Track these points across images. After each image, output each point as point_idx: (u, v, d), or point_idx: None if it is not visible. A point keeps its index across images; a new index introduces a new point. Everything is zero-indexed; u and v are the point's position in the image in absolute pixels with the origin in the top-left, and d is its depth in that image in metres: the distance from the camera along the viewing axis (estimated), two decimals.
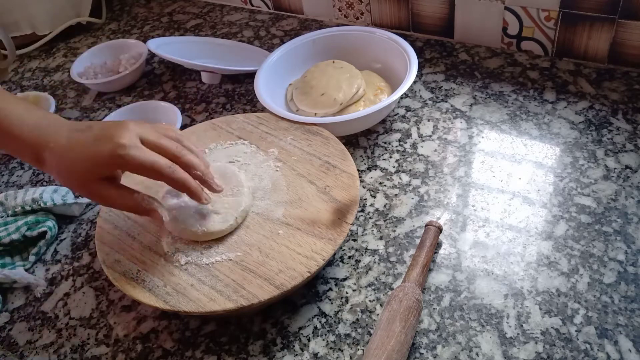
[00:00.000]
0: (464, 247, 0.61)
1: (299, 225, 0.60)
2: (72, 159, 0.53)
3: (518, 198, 0.64)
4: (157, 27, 1.12)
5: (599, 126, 0.72)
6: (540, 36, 0.83)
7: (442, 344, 0.53)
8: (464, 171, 0.69)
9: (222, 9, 1.14)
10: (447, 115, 0.77)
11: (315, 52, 0.85)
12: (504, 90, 0.80)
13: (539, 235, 0.60)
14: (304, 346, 0.55)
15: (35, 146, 0.54)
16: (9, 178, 0.83)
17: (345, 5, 0.98)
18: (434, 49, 0.91)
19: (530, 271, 0.57)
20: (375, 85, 0.78)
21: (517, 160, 0.69)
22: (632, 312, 0.53)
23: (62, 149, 0.53)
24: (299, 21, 1.05)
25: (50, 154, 0.53)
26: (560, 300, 0.54)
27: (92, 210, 0.75)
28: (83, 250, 0.69)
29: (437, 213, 0.65)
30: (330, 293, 0.59)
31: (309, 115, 0.76)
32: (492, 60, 0.86)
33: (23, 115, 0.55)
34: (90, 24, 1.17)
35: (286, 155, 0.68)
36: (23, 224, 0.68)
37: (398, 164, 0.72)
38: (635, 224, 0.60)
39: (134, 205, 0.57)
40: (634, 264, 0.56)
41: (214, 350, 0.56)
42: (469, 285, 0.57)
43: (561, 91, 0.78)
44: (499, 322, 0.54)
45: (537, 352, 0.51)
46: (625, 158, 0.67)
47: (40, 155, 0.54)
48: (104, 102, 0.95)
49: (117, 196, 0.56)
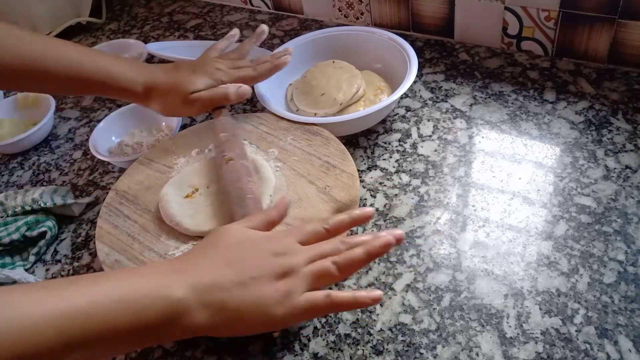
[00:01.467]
0: (464, 247, 0.61)
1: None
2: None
3: (518, 198, 0.64)
4: (157, 27, 1.12)
5: (599, 126, 0.72)
6: (540, 36, 0.83)
7: (442, 344, 0.53)
8: (464, 171, 0.69)
9: (222, 9, 1.14)
10: (447, 115, 0.77)
11: (315, 52, 0.85)
12: (504, 90, 0.80)
13: (539, 235, 0.60)
14: (304, 346, 0.55)
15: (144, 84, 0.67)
16: (9, 178, 0.83)
17: (345, 5, 0.98)
18: (434, 49, 0.91)
19: (530, 271, 0.57)
20: (375, 85, 0.78)
21: (517, 160, 0.69)
22: (632, 312, 0.53)
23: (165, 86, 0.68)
24: (299, 21, 1.05)
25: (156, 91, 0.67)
26: (560, 300, 0.54)
27: (92, 210, 0.75)
28: (83, 250, 0.69)
29: (437, 213, 0.65)
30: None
31: (309, 115, 0.76)
32: (492, 60, 0.86)
33: (120, 61, 0.68)
34: (90, 24, 1.17)
35: (286, 155, 0.68)
36: (23, 224, 0.68)
37: (398, 164, 0.72)
38: (635, 224, 0.60)
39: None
40: (634, 264, 0.56)
41: (214, 350, 0.56)
42: (469, 285, 0.57)
43: (561, 91, 0.78)
44: (499, 322, 0.54)
45: (537, 352, 0.51)
46: (625, 158, 0.67)
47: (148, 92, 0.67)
48: (104, 102, 0.95)
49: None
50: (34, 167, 0.84)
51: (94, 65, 0.66)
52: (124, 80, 0.67)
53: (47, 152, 0.87)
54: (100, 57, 0.68)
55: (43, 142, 0.89)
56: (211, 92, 0.68)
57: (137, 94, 0.68)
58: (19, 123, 0.89)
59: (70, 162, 0.84)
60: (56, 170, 0.83)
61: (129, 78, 0.67)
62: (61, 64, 0.64)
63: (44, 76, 0.64)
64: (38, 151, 0.87)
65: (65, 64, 0.65)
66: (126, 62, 0.69)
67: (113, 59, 0.69)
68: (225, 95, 0.68)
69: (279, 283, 0.47)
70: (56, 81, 0.66)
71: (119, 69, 0.67)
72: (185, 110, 0.69)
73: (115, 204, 0.67)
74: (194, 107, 0.68)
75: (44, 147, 0.88)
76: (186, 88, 0.67)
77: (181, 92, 0.67)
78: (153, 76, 0.68)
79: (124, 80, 0.67)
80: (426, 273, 0.59)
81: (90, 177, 0.80)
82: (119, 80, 0.67)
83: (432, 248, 0.61)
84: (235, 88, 0.68)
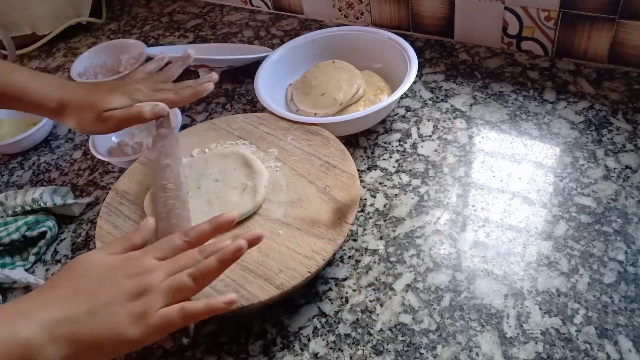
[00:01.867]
0: (464, 247, 0.61)
1: (299, 225, 0.60)
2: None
3: (518, 198, 0.64)
4: (157, 27, 1.12)
5: (599, 126, 0.72)
6: (540, 36, 0.83)
7: (442, 344, 0.53)
8: (464, 171, 0.69)
9: (222, 9, 1.14)
10: (447, 115, 0.77)
11: (315, 52, 0.85)
12: (504, 90, 0.80)
13: (539, 235, 0.60)
14: (304, 346, 0.55)
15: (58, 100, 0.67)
16: (9, 178, 0.83)
17: (345, 5, 0.98)
18: (434, 49, 0.91)
19: (530, 271, 0.57)
20: (375, 85, 0.78)
21: (517, 160, 0.69)
22: (632, 312, 0.53)
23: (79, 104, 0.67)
24: (299, 21, 1.05)
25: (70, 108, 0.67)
26: (560, 300, 0.54)
27: (92, 210, 0.75)
28: (83, 250, 0.69)
29: (437, 213, 0.65)
30: (330, 293, 0.59)
31: (309, 115, 0.76)
32: (492, 60, 0.86)
33: (36, 76, 0.69)
34: (90, 24, 1.17)
35: (286, 155, 0.68)
36: (23, 224, 0.68)
37: (398, 164, 0.72)
38: (635, 224, 0.60)
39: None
40: (634, 264, 0.56)
41: (214, 350, 0.56)
42: (469, 285, 0.57)
43: (561, 91, 0.78)
44: (499, 322, 0.54)
45: (537, 352, 0.51)
46: (625, 158, 0.67)
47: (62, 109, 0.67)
48: None
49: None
50: (34, 167, 0.84)
51: (7, 80, 0.67)
52: (37, 96, 0.67)
53: (47, 152, 0.87)
54: (15, 72, 0.69)
55: (43, 142, 0.89)
56: (125, 111, 0.68)
57: (51, 109, 0.68)
58: (19, 123, 0.89)
59: (70, 162, 0.84)
60: (56, 170, 0.83)
61: (41, 93, 0.68)
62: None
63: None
64: (38, 151, 0.87)
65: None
66: (41, 78, 0.70)
67: (28, 74, 0.70)
68: (140, 113, 0.68)
69: (132, 304, 0.47)
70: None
71: (32, 84, 0.68)
72: (98, 127, 0.69)
73: (115, 204, 0.67)
74: (107, 124, 0.68)
75: (44, 147, 0.88)
76: (100, 106, 0.67)
77: (95, 110, 0.67)
78: (68, 93, 0.69)
79: (36, 95, 0.67)
80: (426, 273, 0.59)
81: (90, 177, 0.80)
82: (32, 96, 0.67)
83: (432, 248, 0.61)
84: (150, 106, 0.68)
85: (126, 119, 0.68)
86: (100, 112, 0.67)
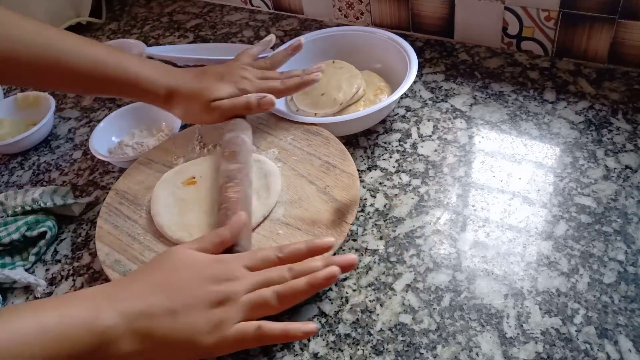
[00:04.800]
0: (464, 247, 0.61)
1: (299, 225, 0.60)
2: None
3: (518, 198, 0.64)
4: (157, 27, 1.12)
5: (599, 126, 0.72)
6: (540, 36, 0.83)
7: (442, 344, 0.53)
8: (464, 171, 0.69)
9: (222, 9, 1.14)
10: (447, 115, 0.77)
11: (315, 52, 0.85)
12: (504, 90, 0.80)
13: (539, 235, 0.60)
14: (304, 346, 0.55)
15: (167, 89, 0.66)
16: (9, 178, 0.83)
17: (345, 5, 0.98)
18: (434, 49, 0.91)
19: (530, 271, 0.57)
20: (375, 85, 0.78)
21: (517, 160, 0.69)
22: (632, 312, 0.53)
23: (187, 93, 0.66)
24: (299, 21, 1.05)
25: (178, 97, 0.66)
26: (560, 300, 0.54)
27: (92, 210, 0.75)
28: (83, 250, 0.69)
29: (437, 213, 0.65)
30: (330, 293, 0.59)
31: (309, 115, 0.76)
32: (492, 60, 0.86)
33: (145, 63, 0.67)
34: (90, 24, 1.17)
35: (286, 155, 0.68)
36: (23, 224, 0.68)
37: (398, 164, 0.72)
38: (635, 224, 0.60)
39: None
40: (634, 264, 0.56)
41: None
42: (469, 285, 0.57)
43: (561, 91, 0.78)
44: (499, 322, 0.54)
45: (537, 352, 0.51)
46: (625, 158, 0.67)
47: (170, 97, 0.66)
48: (104, 102, 0.95)
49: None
50: (34, 167, 0.84)
51: (119, 65, 0.64)
52: (147, 83, 0.65)
53: (47, 152, 0.87)
54: (125, 57, 0.66)
55: (43, 142, 0.89)
56: (232, 102, 0.66)
57: (160, 97, 0.66)
58: (19, 123, 0.89)
59: (70, 162, 0.84)
60: (56, 170, 0.83)
61: (152, 80, 0.66)
62: (85, 62, 0.63)
63: (67, 74, 0.63)
64: (38, 151, 0.87)
65: (90, 63, 0.63)
66: (151, 64, 0.67)
67: (138, 60, 0.67)
68: (247, 104, 0.66)
69: (212, 312, 0.46)
70: (77, 81, 0.64)
71: (143, 70, 0.66)
72: (204, 117, 0.67)
73: (115, 204, 0.67)
74: (213, 115, 0.67)
75: (44, 147, 0.88)
76: (208, 95, 0.66)
77: (202, 99, 0.66)
78: (177, 81, 0.67)
79: (147, 82, 0.65)
80: (426, 273, 0.59)
81: (90, 177, 0.80)
82: (142, 82, 0.65)
83: (432, 248, 0.61)
84: (257, 98, 0.66)
85: (233, 110, 0.67)
86: (208, 102, 0.66)
